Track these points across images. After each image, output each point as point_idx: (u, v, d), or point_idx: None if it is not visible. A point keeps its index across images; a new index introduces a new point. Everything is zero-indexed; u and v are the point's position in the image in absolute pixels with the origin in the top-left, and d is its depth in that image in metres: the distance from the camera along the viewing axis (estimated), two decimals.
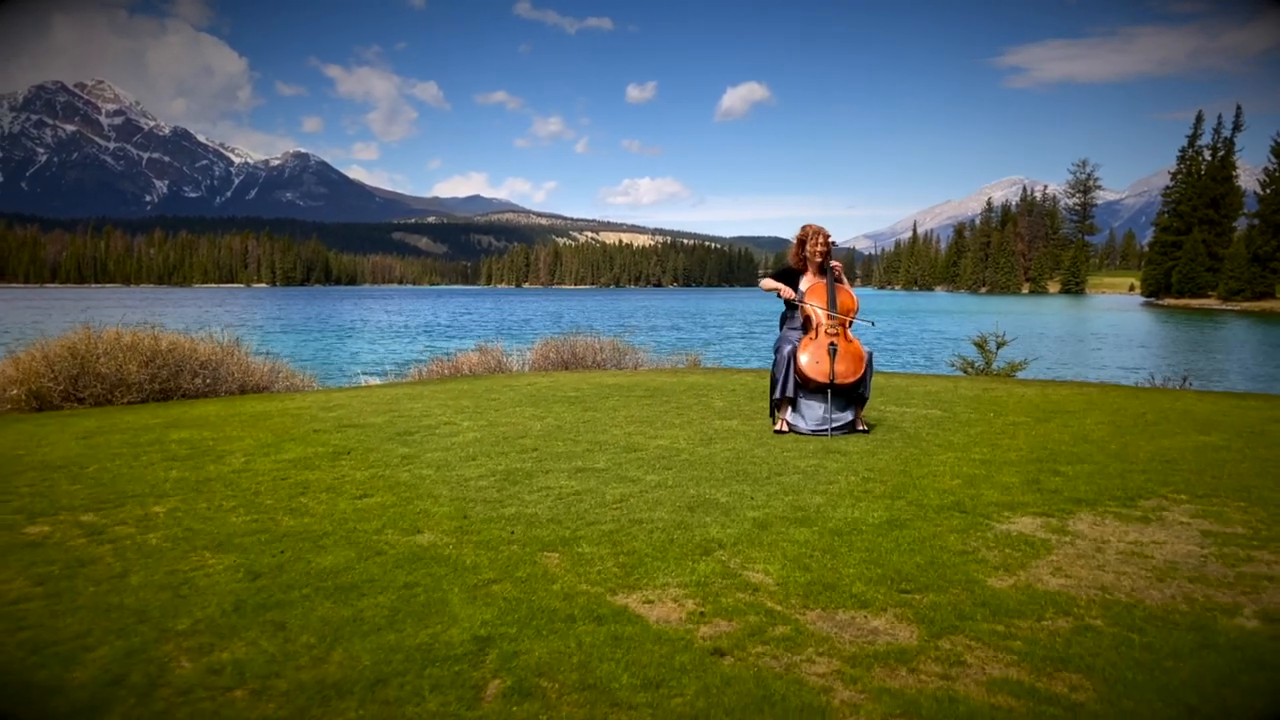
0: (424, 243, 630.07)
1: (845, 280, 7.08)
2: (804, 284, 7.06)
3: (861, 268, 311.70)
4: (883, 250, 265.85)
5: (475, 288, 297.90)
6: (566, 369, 13.99)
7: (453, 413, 8.00)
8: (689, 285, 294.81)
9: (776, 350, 6.93)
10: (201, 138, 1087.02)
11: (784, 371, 6.76)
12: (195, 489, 5.11)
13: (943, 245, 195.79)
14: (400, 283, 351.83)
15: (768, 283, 7.06)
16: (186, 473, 5.53)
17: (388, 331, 47.73)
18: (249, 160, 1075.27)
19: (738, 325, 55.40)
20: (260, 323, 56.35)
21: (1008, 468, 5.57)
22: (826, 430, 6.66)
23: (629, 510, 4.55)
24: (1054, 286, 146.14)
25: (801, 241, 7.06)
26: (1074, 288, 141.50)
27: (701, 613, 3.22)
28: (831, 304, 6.87)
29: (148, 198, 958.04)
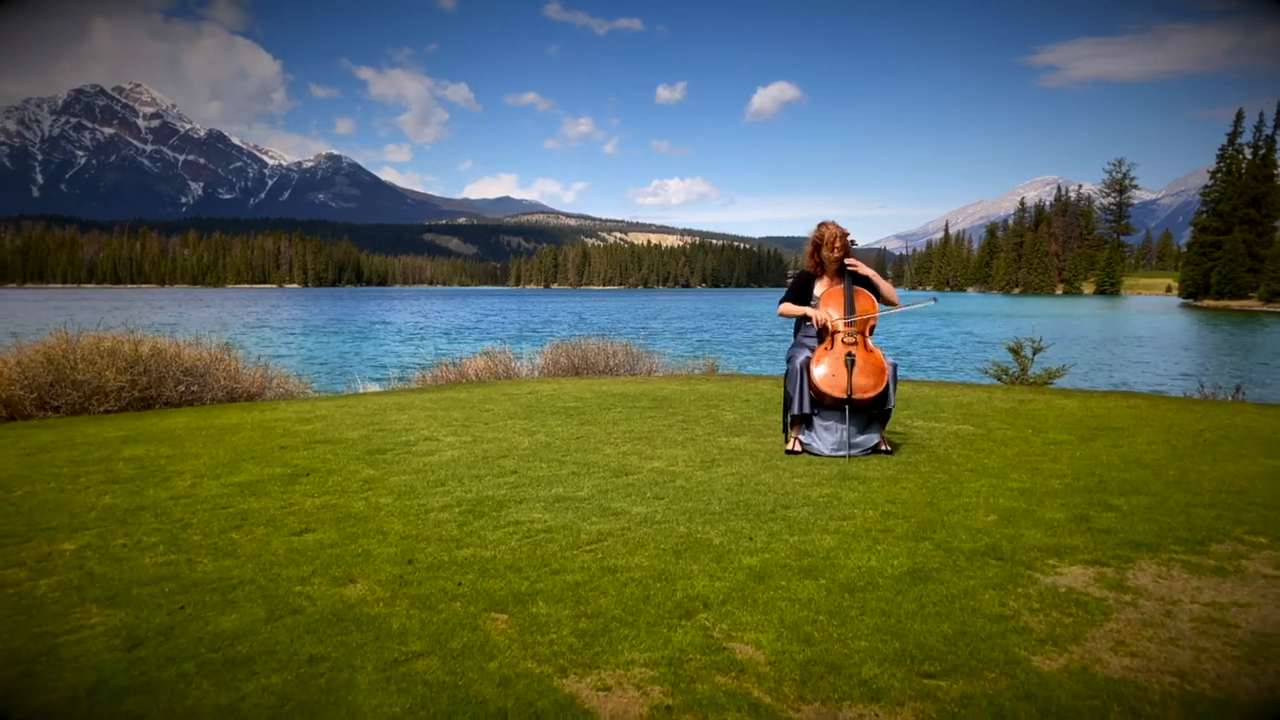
0: (454, 243, 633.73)
1: (876, 277, 6.31)
2: (819, 289, 6.35)
3: (893, 268, 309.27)
4: (914, 250, 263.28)
5: (504, 288, 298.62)
6: (578, 374, 13.35)
7: (438, 426, 7.36)
8: (717, 286, 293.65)
9: (789, 361, 6.23)
10: (236, 140, 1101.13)
11: (797, 386, 6.05)
12: (121, 520, 4.50)
13: (975, 246, 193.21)
14: (430, 283, 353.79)
15: (787, 308, 6.32)
16: (120, 499, 4.93)
17: (407, 333, 47.36)
18: (282, 162, 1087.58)
19: (762, 327, 54.51)
20: (281, 324, 56.31)
21: (1051, 499, 4.84)
22: (845, 453, 5.95)
23: (604, 554, 3.87)
24: (1089, 287, 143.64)
25: (817, 245, 6.33)
26: (1109, 289, 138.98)
27: (669, 706, 2.54)
28: (849, 309, 6.15)
29: (183, 199, 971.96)
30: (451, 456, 6.04)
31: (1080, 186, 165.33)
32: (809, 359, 6.06)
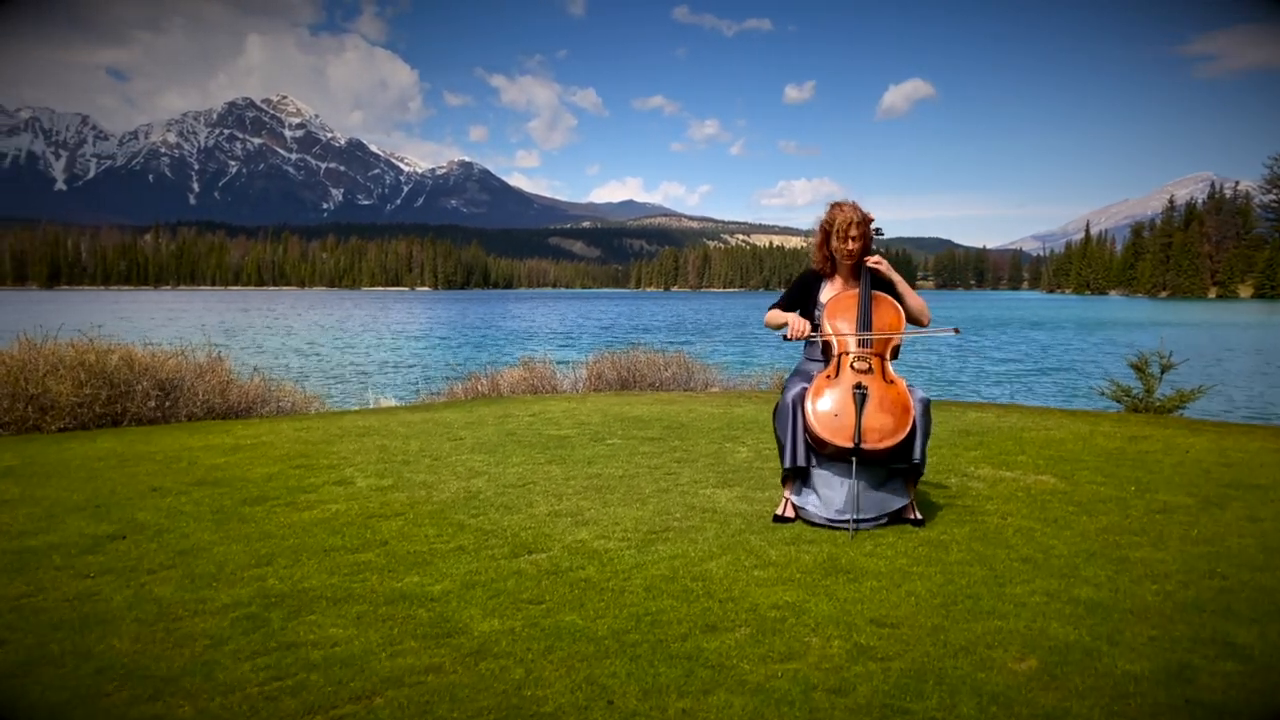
0: (578, 247, 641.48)
1: (901, 283, 4.63)
2: (825, 293, 4.69)
3: (1029, 270, 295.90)
4: (1052, 252, 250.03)
5: (624, 290, 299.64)
6: (624, 388, 11.90)
7: (373, 462, 6.03)
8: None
9: (783, 393, 4.59)
10: (374, 148, 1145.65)
11: (789, 429, 4.42)
12: None
13: (1118, 246, 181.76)
14: (554, 286, 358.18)
15: (773, 316, 4.65)
16: None
17: (494, 338, 46.59)
18: (417, 169, 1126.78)
19: None
20: (381, 327, 56.87)
21: (1136, 625, 3.09)
22: (849, 524, 4.28)
23: None
24: (1246, 290, 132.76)
25: (826, 233, 4.66)
26: (1270, 291, 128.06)
27: None
28: (863, 323, 4.48)
29: (325, 205, 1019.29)
30: (333, 513, 4.67)
31: (1237, 183, 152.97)
32: (805, 392, 4.42)
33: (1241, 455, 6.26)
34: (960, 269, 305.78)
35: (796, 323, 4.47)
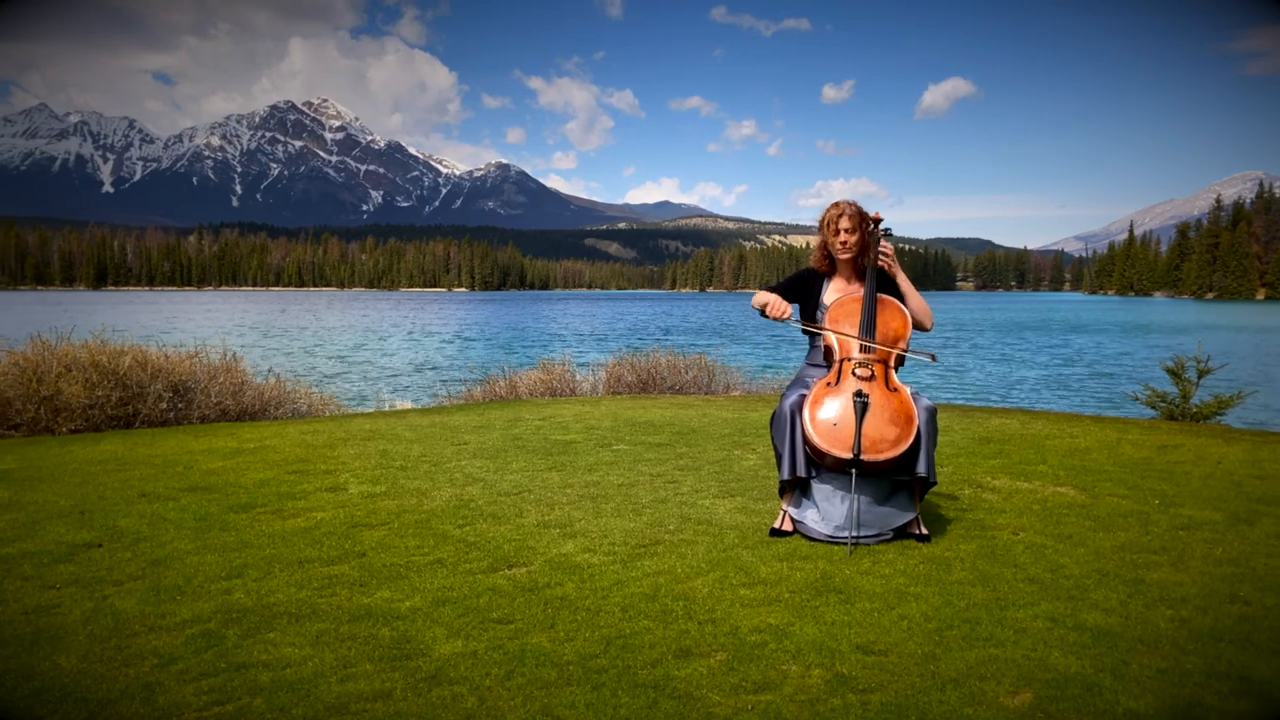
0: (614, 248, 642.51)
1: (905, 283, 4.44)
2: (829, 294, 4.49)
3: (1071, 270, 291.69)
4: (1095, 252, 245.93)
5: (658, 291, 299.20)
6: (644, 391, 11.74)
7: (371, 467, 5.90)
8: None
9: (784, 398, 4.39)
10: (413, 150, 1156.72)
11: (786, 437, 4.21)
12: None
13: (1163, 247, 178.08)
14: (589, 287, 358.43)
15: (760, 296, 4.46)
16: None
17: (522, 339, 46.69)
18: (455, 171, 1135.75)
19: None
20: (408, 328, 57.18)
21: (1144, 655, 2.86)
22: (847, 538, 4.07)
23: None
24: None
25: (826, 227, 4.46)
26: None
27: None
28: (867, 327, 4.26)
29: (364, 207, 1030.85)
30: (316, 521, 4.54)
31: None
32: (805, 398, 4.21)
33: (1277, 467, 5.94)
34: (1001, 270, 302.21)
35: (777, 304, 4.26)
